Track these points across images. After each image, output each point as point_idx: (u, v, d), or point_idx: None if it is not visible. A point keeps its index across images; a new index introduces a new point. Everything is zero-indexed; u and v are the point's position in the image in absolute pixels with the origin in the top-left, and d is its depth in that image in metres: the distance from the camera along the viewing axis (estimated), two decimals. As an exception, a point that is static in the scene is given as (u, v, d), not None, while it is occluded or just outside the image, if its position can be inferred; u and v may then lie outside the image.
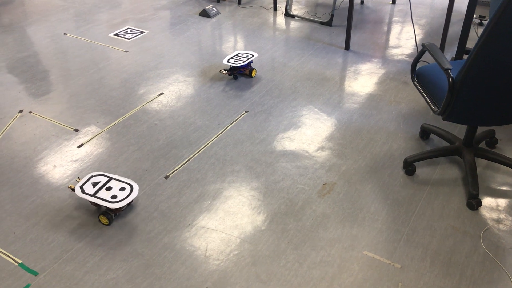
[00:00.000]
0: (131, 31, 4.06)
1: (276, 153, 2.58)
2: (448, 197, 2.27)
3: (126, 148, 2.64)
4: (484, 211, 2.18)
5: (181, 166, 2.51)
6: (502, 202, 2.23)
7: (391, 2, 4.52)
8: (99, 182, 2.23)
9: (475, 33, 3.83)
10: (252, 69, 3.29)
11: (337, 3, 4.54)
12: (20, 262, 1.98)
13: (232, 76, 3.33)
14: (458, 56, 3.21)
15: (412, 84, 3.19)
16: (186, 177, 2.43)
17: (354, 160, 2.52)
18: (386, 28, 4.02)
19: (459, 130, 2.73)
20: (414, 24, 4.06)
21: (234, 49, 3.72)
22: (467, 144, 2.36)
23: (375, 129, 2.76)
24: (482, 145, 2.61)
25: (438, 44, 3.67)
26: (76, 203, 2.27)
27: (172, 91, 3.17)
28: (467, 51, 3.21)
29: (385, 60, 3.51)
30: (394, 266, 1.94)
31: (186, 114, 2.93)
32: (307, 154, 2.57)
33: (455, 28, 3.94)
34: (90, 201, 2.16)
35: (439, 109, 2.09)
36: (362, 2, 4.54)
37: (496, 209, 2.19)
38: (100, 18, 4.34)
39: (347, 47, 3.68)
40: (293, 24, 4.14)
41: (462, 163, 2.47)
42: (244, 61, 3.25)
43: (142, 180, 2.41)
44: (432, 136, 2.69)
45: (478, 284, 1.86)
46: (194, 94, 3.14)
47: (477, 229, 2.09)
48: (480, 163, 2.48)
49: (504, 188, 2.31)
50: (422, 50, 2.20)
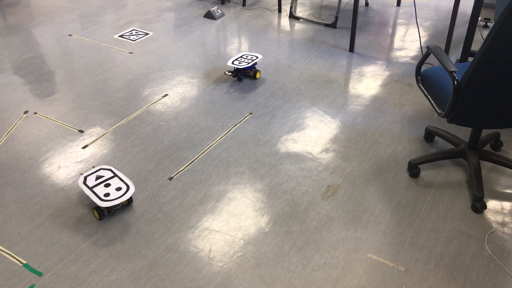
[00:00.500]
0: (136, 32, 4.08)
1: (280, 155, 2.58)
2: (452, 199, 2.26)
3: (131, 149, 2.65)
4: (489, 214, 2.17)
5: (185, 167, 2.51)
6: (507, 205, 2.22)
7: (395, 4, 4.51)
8: (102, 176, 2.27)
9: (480, 35, 3.82)
10: (256, 71, 3.29)
11: (341, 5, 4.54)
12: (24, 262, 1.99)
13: (236, 77, 3.33)
14: (463, 59, 3.20)
15: (416, 86, 3.19)
16: (190, 178, 2.43)
17: (358, 162, 2.52)
18: (390, 30, 4.01)
19: (463, 132, 2.72)
20: (418, 26, 4.06)
21: (239, 51, 3.73)
22: (472, 146, 2.36)
23: (379, 131, 2.75)
24: (487, 147, 2.60)
25: (443, 47, 3.66)
26: (81, 203, 2.28)
27: (176, 93, 3.18)
28: (472, 54, 3.20)
29: (389, 62, 3.50)
30: (398, 269, 1.93)
31: (190, 116, 2.93)
32: (311, 156, 2.57)
33: (460, 31, 3.93)
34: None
35: (443, 111, 2.09)
36: (366, 4, 4.54)
37: (501, 212, 2.18)
38: (105, 19, 4.36)
39: (351, 49, 3.67)
40: (297, 26, 4.14)
41: (466, 166, 2.47)
42: (248, 63, 3.25)
43: (146, 181, 2.41)
44: (436, 138, 2.68)
45: (483, 287, 1.85)
46: (199, 95, 3.14)
47: (481, 232, 2.08)
48: (485, 165, 2.47)
49: (509, 191, 2.30)
50: (426, 53, 2.20)
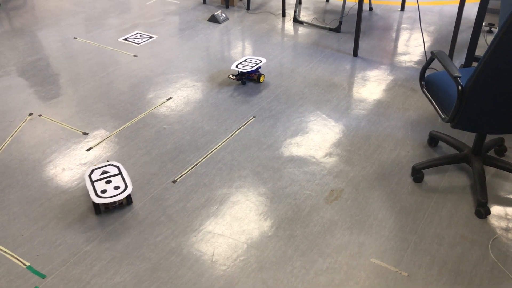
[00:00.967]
0: (140, 36, 4.09)
1: (283, 158, 2.58)
2: (456, 205, 2.25)
3: (135, 152, 2.66)
4: (493, 220, 2.17)
5: (188, 170, 2.51)
6: (511, 211, 2.21)
7: (399, 9, 4.52)
8: (108, 172, 2.31)
9: (484, 40, 3.82)
10: (260, 74, 3.30)
11: (345, 10, 4.55)
12: (28, 264, 1.99)
13: (240, 81, 3.34)
14: (467, 64, 3.20)
15: (420, 91, 3.19)
16: (194, 181, 2.43)
17: (362, 166, 2.51)
18: (394, 35, 4.01)
19: (467, 137, 2.72)
20: (422, 31, 4.06)
21: (243, 54, 3.73)
22: (475, 152, 2.35)
23: (383, 136, 2.75)
24: (491, 153, 2.59)
25: (447, 52, 3.66)
26: (85, 206, 2.29)
27: (180, 96, 3.19)
28: (476, 59, 3.20)
29: (393, 66, 3.50)
30: (401, 274, 1.93)
31: (194, 119, 2.94)
32: (314, 160, 2.57)
33: (464, 36, 3.93)
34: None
35: (448, 116, 2.08)
36: (370, 9, 4.55)
37: (505, 217, 2.17)
38: (110, 22, 4.38)
39: (355, 54, 3.68)
40: (301, 30, 4.15)
41: (470, 171, 2.46)
42: (252, 66, 3.26)
43: (150, 184, 2.42)
44: (440, 143, 2.67)
45: (487, 294, 1.84)
46: (203, 99, 3.15)
47: (485, 237, 2.08)
48: (489, 171, 2.46)
49: (513, 196, 2.30)
50: (431, 58, 2.20)
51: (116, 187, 2.25)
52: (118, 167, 2.38)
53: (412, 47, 3.80)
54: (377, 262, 1.98)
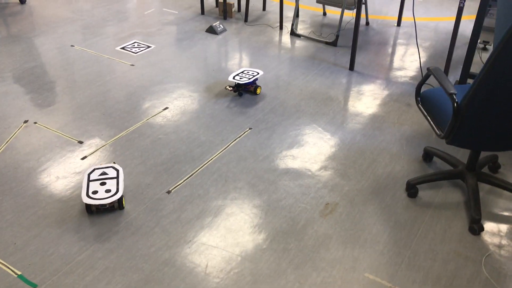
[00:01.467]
0: (138, 45, 4.10)
1: (279, 171, 2.59)
2: (450, 221, 2.26)
3: (130, 161, 2.65)
4: (486, 236, 2.17)
5: (183, 181, 2.51)
6: (504, 228, 2.22)
7: (396, 24, 4.56)
8: (106, 174, 2.35)
9: (479, 57, 3.86)
10: (257, 86, 3.31)
11: (342, 24, 4.59)
12: (19, 273, 1.97)
13: (237, 93, 3.35)
14: (462, 80, 3.23)
15: (415, 106, 3.21)
16: (188, 192, 2.43)
17: (357, 180, 2.52)
18: (390, 50, 4.05)
19: (462, 153, 2.74)
20: (418, 46, 4.10)
21: (240, 66, 3.75)
22: (470, 168, 2.37)
23: (378, 150, 2.76)
24: (485, 169, 2.61)
25: (442, 67, 3.70)
26: (79, 215, 2.27)
27: (177, 106, 3.19)
28: (471, 76, 3.24)
29: (389, 81, 3.53)
30: (395, 289, 1.93)
31: (190, 129, 2.94)
32: (310, 173, 2.57)
33: (459, 52, 3.98)
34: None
35: (443, 133, 2.10)
36: (367, 24, 4.59)
37: (498, 234, 2.18)
38: (107, 31, 4.39)
39: (351, 68, 3.70)
40: (298, 43, 4.18)
41: (464, 187, 2.47)
42: (249, 78, 3.27)
43: (144, 195, 2.41)
44: (435, 158, 2.69)
45: (480, 311, 1.84)
46: (199, 109, 3.15)
47: (479, 254, 2.08)
48: (483, 187, 2.48)
49: (506, 213, 2.31)
50: (427, 74, 2.22)
51: (108, 190, 2.27)
52: (118, 171, 2.41)
53: (407, 62, 3.83)
54: (371, 277, 1.97)
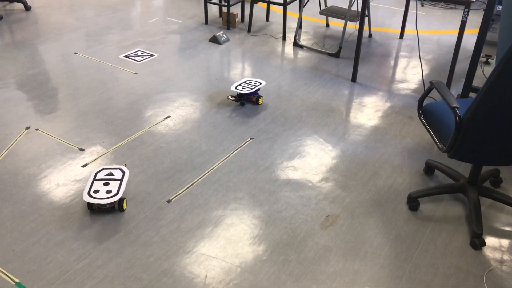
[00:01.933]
0: (141, 53, 4.12)
1: (280, 181, 2.58)
2: (451, 234, 2.25)
3: (130, 170, 2.64)
4: (488, 251, 2.16)
5: (184, 190, 2.50)
6: (506, 243, 2.21)
7: (398, 37, 4.58)
8: (112, 175, 2.38)
9: (482, 71, 3.87)
10: (259, 96, 3.32)
11: (345, 36, 4.61)
12: (17, 281, 1.96)
13: (239, 102, 3.35)
14: (464, 94, 3.23)
15: (417, 119, 3.21)
16: (189, 202, 2.42)
17: (358, 192, 2.51)
18: (393, 62, 4.06)
19: (464, 167, 2.73)
20: (421, 59, 4.11)
21: (242, 76, 3.76)
22: (471, 182, 2.36)
23: (379, 162, 2.76)
24: (487, 183, 2.60)
25: (445, 81, 3.70)
26: (78, 223, 2.26)
27: (179, 115, 3.19)
28: (473, 89, 3.24)
29: (391, 93, 3.53)
30: (396, 303, 1.91)
31: (191, 138, 2.94)
32: (311, 185, 2.56)
33: (461, 65, 3.98)
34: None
35: (445, 146, 2.09)
36: (370, 36, 4.61)
37: (500, 249, 2.17)
38: (111, 39, 4.41)
39: (354, 79, 3.71)
40: (301, 54, 4.19)
41: (466, 201, 2.46)
42: (251, 88, 3.28)
43: (144, 203, 2.40)
44: (436, 172, 2.68)
45: (481, 327, 1.82)
46: (201, 118, 3.15)
47: (480, 269, 2.07)
48: (484, 202, 2.46)
49: (508, 228, 2.29)
50: (429, 88, 2.22)
51: (108, 191, 2.30)
52: (124, 173, 2.43)
53: (410, 75, 3.84)
54: (371, 290, 1.96)
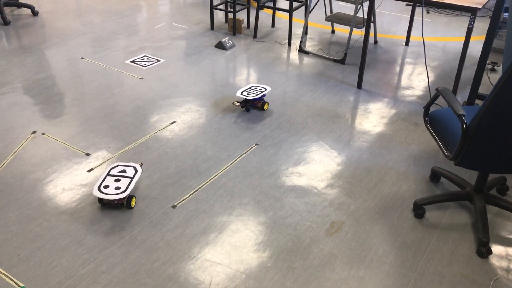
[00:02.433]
0: (147, 58, 4.13)
1: (285, 187, 2.58)
2: (457, 242, 2.24)
3: (136, 175, 2.65)
4: (494, 260, 2.14)
5: (189, 196, 2.50)
6: (513, 252, 2.19)
7: (404, 43, 4.58)
8: (125, 172, 2.43)
9: (488, 78, 3.86)
10: (264, 102, 3.32)
11: (351, 42, 4.61)
12: (22, 286, 1.96)
13: (244, 108, 3.36)
14: (470, 101, 3.22)
15: (423, 126, 3.20)
16: (194, 207, 2.42)
17: (363, 199, 2.50)
18: (398, 69, 4.06)
19: (470, 175, 2.72)
20: (427, 66, 4.10)
21: (248, 82, 3.77)
22: (478, 190, 2.35)
23: (385, 169, 2.75)
24: (493, 191, 2.59)
25: (450, 87, 3.69)
26: (83, 228, 2.27)
27: (184, 120, 3.20)
28: (479, 96, 3.23)
29: (396, 100, 3.53)
30: (401, 312, 1.89)
31: (197, 144, 2.94)
32: (316, 191, 2.56)
33: (467, 72, 3.97)
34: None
35: (451, 154, 2.09)
36: (375, 42, 4.61)
37: (506, 258, 2.15)
38: (117, 44, 4.43)
39: (359, 86, 3.71)
40: (306, 60, 4.20)
41: (472, 209, 2.45)
42: (257, 94, 3.28)
43: (150, 208, 2.40)
44: (442, 179, 2.67)
45: (487, 336, 1.81)
46: (206, 124, 3.16)
47: (486, 278, 2.05)
48: (491, 209, 2.45)
49: (515, 237, 2.28)
50: (435, 95, 2.22)
51: (117, 188, 2.35)
52: (136, 172, 2.47)
53: (415, 81, 3.83)
54: (376, 298, 1.95)
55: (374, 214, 2.40)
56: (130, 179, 2.42)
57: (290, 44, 4.51)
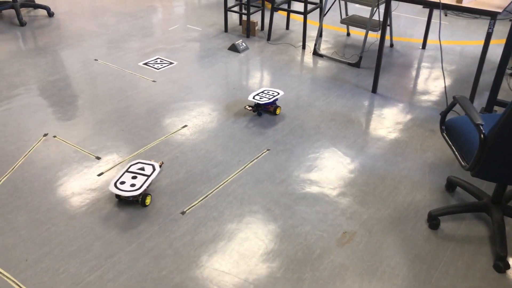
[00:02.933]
0: (160, 61, 4.12)
1: (296, 195, 2.53)
2: (473, 256, 2.16)
3: (145, 179, 2.63)
4: (512, 275, 2.07)
5: (198, 202, 2.47)
6: (532, 266, 2.11)
7: (421, 47, 4.49)
8: (143, 170, 2.46)
9: (507, 84, 3.76)
10: (276, 106, 3.28)
11: (366, 45, 4.54)
12: (29, 291, 1.95)
13: (256, 112, 3.32)
14: (489, 108, 3.14)
15: (439, 132, 3.12)
16: (203, 214, 2.39)
17: (376, 208, 2.44)
18: (414, 73, 3.97)
19: (487, 185, 2.64)
20: (443, 71, 4.01)
21: (261, 85, 3.72)
22: (495, 201, 2.27)
23: (399, 177, 2.68)
24: (511, 203, 2.50)
25: (468, 93, 3.60)
26: (91, 234, 2.25)
27: (196, 124, 3.17)
28: (498, 103, 3.14)
29: (412, 105, 3.45)
30: (414, 328, 1.83)
31: (207, 148, 2.91)
32: (327, 199, 2.50)
33: (485, 77, 3.88)
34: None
35: (468, 164, 2.02)
36: (391, 45, 4.53)
37: (525, 273, 2.08)
38: (131, 46, 4.43)
39: (374, 90, 3.64)
40: (320, 63, 4.14)
41: (489, 221, 2.37)
42: (269, 98, 3.24)
43: (158, 214, 2.38)
44: (458, 189, 2.59)
45: None
46: (218, 128, 3.13)
47: (504, 294, 1.98)
48: (509, 222, 2.37)
49: (534, 251, 2.20)
50: (452, 103, 2.15)
51: (133, 185, 2.37)
52: (154, 171, 2.48)
53: (432, 86, 3.75)
54: (388, 313, 1.89)
55: (387, 224, 2.34)
56: (146, 177, 2.44)
57: (304, 47, 4.45)
